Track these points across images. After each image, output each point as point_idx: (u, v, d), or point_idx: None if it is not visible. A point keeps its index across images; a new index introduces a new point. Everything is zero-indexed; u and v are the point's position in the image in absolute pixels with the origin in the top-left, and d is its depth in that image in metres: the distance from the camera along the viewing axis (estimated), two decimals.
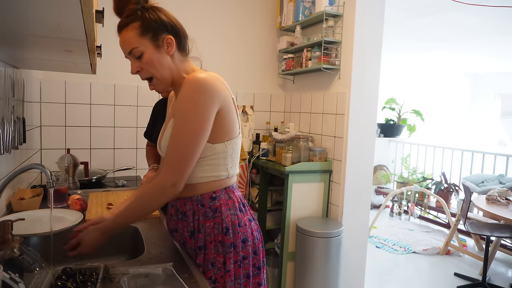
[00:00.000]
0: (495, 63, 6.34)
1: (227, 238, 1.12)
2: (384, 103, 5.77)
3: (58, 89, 2.41)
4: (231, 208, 1.15)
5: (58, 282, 0.91)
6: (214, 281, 1.11)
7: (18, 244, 0.93)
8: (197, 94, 1.04)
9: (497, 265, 3.59)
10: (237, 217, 1.15)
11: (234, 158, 1.18)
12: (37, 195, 1.69)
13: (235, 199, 1.17)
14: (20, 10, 0.64)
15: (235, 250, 1.14)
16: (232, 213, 1.15)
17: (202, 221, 1.14)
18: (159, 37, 1.08)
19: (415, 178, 5.13)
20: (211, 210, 1.14)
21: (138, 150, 2.65)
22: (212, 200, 1.14)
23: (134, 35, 1.07)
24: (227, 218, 1.14)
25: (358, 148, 2.40)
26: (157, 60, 1.09)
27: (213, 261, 1.12)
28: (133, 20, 1.07)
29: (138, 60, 1.09)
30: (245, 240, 1.16)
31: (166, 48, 1.10)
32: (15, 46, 1.10)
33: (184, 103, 1.05)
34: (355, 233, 2.47)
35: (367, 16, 2.34)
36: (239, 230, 1.15)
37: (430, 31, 4.22)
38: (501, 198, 3.08)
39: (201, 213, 1.14)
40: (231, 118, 1.13)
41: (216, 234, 1.13)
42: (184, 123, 1.05)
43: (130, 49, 1.08)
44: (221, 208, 1.14)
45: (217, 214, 1.13)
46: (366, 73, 2.38)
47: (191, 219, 1.16)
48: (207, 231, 1.13)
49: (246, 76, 3.02)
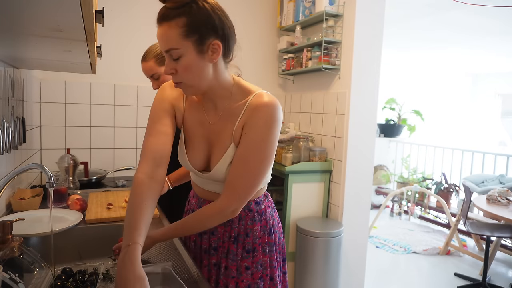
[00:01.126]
0: (495, 63, 6.34)
1: (271, 238, 1.18)
2: (384, 103, 5.77)
3: (58, 89, 2.41)
4: (271, 209, 1.22)
5: (58, 282, 0.91)
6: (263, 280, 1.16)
7: (18, 244, 0.93)
8: (274, 124, 1.03)
9: (497, 265, 3.59)
10: (274, 218, 1.22)
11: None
12: (37, 195, 1.69)
13: (270, 199, 1.24)
14: (19, 10, 0.64)
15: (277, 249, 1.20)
16: (272, 215, 1.21)
17: (250, 225, 1.16)
18: (205, 41, 0.93)
19: (415, 178, 5.13)
20: (258, 214, 1.17)
21: (138, 150, 2.65)
22: (257, 204, 1.17)
23: (177, 35, 0.91)
24: (270, 219, 1.19)
25: (358, 148, 2.40)
26: (196, 66, 0.95)
27: (261, 262, 1.16)
28: (179, 15, 0.90)
29: (175, 61, 0.95)
30: (280, 237, 1.23)
31: (211, 55, 0.95)
32: (15, 46, 1.10)
33: (261, 133, 1.02)
34: (355, 233, 2.47)
35: (367, 16, 2.34)
36: (277, 229, 1.22)
37: (430, 31, 4.22)
38: (502, 198, 3.08)
39: (248, 218, 1.16)
40: None
41: (263, 236, 1.17)
42: (257, 153, 1.03)
43: (168, 48, 0.93)
44: (265, 211, 1.18)
45: (263, 217, 1.17)
46: (366, 73, 2.38)
47: (237, 224, 1.16)
48: (255, 234, 1.16)
49: (246, 76, 2.99)
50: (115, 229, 1.44)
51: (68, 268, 0.96)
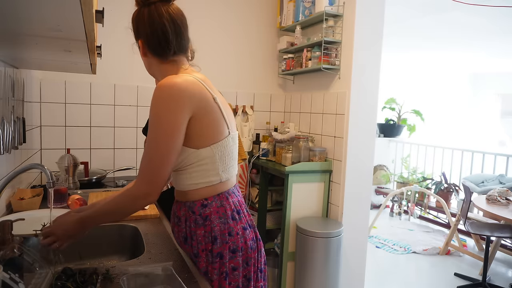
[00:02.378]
0: (495, 63, 6.34)
1: (215, 248, 1.09)
2: (384, 103, 5.77)
3: (58, 89, 2.41)
4: (222, 216, 1.10)
5: (58, 282, 0.91)
6: None
7: (18, 244, 0.93)
8: (163, 101, 1.01)
9: (497, 265, 3.59)
10: (228, 225, 1.10)
11: (226, 161, 1.12)
12: (37, 195, 1.69)
13: (228, 207, 1.12)
14: (19, 10, 0.64)
15: (221, 261, 1.09)
16: (223, 222, 1.10)
17: (193, 228, 1.11)
18: (137, 40, 1.16)
19: (415, 178, 5.13)
20: (201, 217, 1.10)
21: (138, 150, 2.65)
22: (203, 207, 1.10)
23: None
24: (217, 226, 1.09)
25: (358, 148, 2.40)
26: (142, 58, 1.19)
27: (205, 271, 1.10)
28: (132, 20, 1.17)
29: None
30: (235, 250, 1.10)
31: (140, 51, 1.17)
32: (15, 46, 1.10)
33: (152, 111, 1.03)
34: (355, 233, 2.47)
35: (367, 16, 2.34)
36: (228, 240, 1.09)
37: (430, 31, 4.22)
38: (501, 198, 3.08)
39: (192, 220, 1.11)
40: (213, 121, 1.08)
41: (207, 243, 1.10)
42: (152, 132, 1.02)
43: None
44: (211, 216, 1.10)
45: (207, 222, 1.10)
46: (366, 73, 2.38)
47: (184, 225, 1.14)
48: (199, 239, 1.10)
49: (246, 76, 3.02)
50: (115, 229, 1.44)
51: (68, 268, 0.96)
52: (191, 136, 1.05)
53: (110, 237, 1.43)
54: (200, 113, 1.05)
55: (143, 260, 1.14)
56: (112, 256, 1.41)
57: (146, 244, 1.26)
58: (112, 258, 1.40)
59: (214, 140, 1.08)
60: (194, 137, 1.05)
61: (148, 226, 1.45)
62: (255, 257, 1.16)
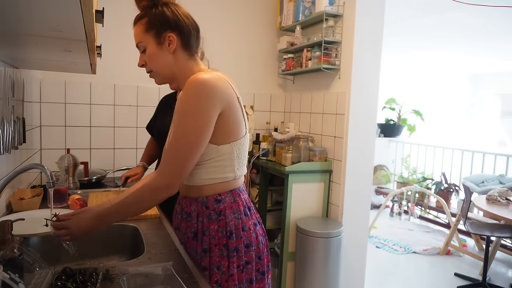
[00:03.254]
0: (495, 63, 6.34)
1: (231, 242, 1.11)
2: (384, 103, 5.77)
3: (58, 89, 2.41)
4: (236, 211, 1.13)
5: (58, 282, 0.91)
6: (220, 285, 1.10)
7: (18, 244, 0.93)
8: (197, 97, 1.02)
9: (497, 265, 3.59)
10: (242, 221, 1.14)
11: (241, 159, 1.15)
12: (37, 195, 1.69)
13: (240, 203, 1.15)
14: (19, 10, 0.64)
15: (238, 255, 1.12)
16: (236, 217, 1.13)
17: (206, 223, 1.12)
18: (161, 34, 1.11)
19: (415, 178, 5.13)
20: (215, 212, 1.12)
21: (138, 150, 2.65)
22: (217, 202, 1.12)
23: (141, 31, 1.12)
24: (231, 221, 1.12)
25: (358, 148, 2.40)
26: (157, 55, 1.12)
27: (218, 265, 1.11)
28: (143, 16, 1.13)
29: (143, 54, 1.14)
30: (248, 245, 1.14)
31: (168, 45, 1.12)
32: (15, 46, 1.10)
33: (184, 106, 1.04)
34: (355, 233, 2.47)
35: (367, 16, 2.34)
36: (242, 235, 1.13)
37: (430, 31, 4.22)
38: (501, 198, 3.08)
39: (205, 215, 1.13)
40: (236, 119, 1.11)
41: (221, 238, 1.11)
42: (182, 126, 1.03)
43: (137, 43, 1.15)
44: (225, 211, 1.12)
45: (221, 217, 1.12)
46: (366, 73, 2.38)
47: (195, 220, 1.15)
48: (212, 233, 1.12)
49: (246, 76, 3.02)
50: (115, 229, 1.44)
51: (68, 268, 0.96)
52: (216, 132, 1.07)
53: (110, 237, 1.42)
54: (227, 110, 1.08)
55: (143, 260, 1.14)
56: (112, 256, 1.40)
57: (146, 244, 1.26)
58: (112, 258, 1.40)
59: (235, 137, 1.12)
60: (218, 133, 1.08)
61: (148, 226, 1.45)
62: (265, 252, 1.21)
